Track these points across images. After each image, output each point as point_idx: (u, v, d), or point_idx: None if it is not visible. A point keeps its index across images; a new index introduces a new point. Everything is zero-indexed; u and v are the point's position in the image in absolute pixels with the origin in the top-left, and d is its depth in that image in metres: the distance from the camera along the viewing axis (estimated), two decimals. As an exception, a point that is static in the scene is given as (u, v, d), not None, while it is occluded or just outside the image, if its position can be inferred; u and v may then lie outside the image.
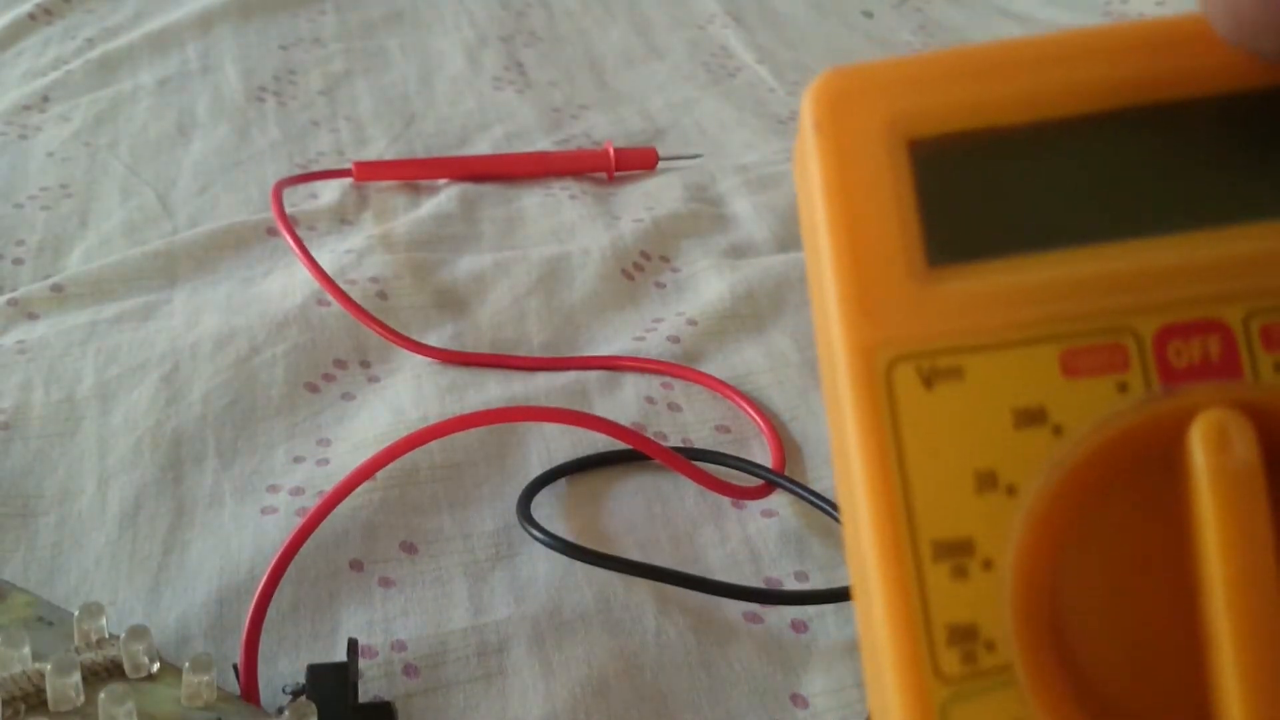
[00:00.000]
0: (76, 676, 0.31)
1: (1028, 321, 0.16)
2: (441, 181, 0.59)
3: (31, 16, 0.74)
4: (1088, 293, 0.16)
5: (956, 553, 0.15)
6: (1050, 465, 0.15)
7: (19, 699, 0.31)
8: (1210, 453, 0.15)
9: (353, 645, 0.33)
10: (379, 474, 0.40)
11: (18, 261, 0.53)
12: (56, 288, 0.50)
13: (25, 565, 0.38)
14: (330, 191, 0.57)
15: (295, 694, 0.32)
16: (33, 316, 0.48)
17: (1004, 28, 0.75)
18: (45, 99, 0.66)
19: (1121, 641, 0.15)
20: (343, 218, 0.56)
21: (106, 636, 0.33)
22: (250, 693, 0.33)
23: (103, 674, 0.32)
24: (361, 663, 0.34)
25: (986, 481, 0.15)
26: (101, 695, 0.30)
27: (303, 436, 0.43)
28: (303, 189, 0.57)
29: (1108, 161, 0.16)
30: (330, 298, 0.48)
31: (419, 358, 0.46)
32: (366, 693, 0.34)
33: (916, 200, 0.16)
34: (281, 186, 0.55)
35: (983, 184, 0.16)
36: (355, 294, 0.48)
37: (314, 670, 0.32)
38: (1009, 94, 0.16)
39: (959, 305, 0.16)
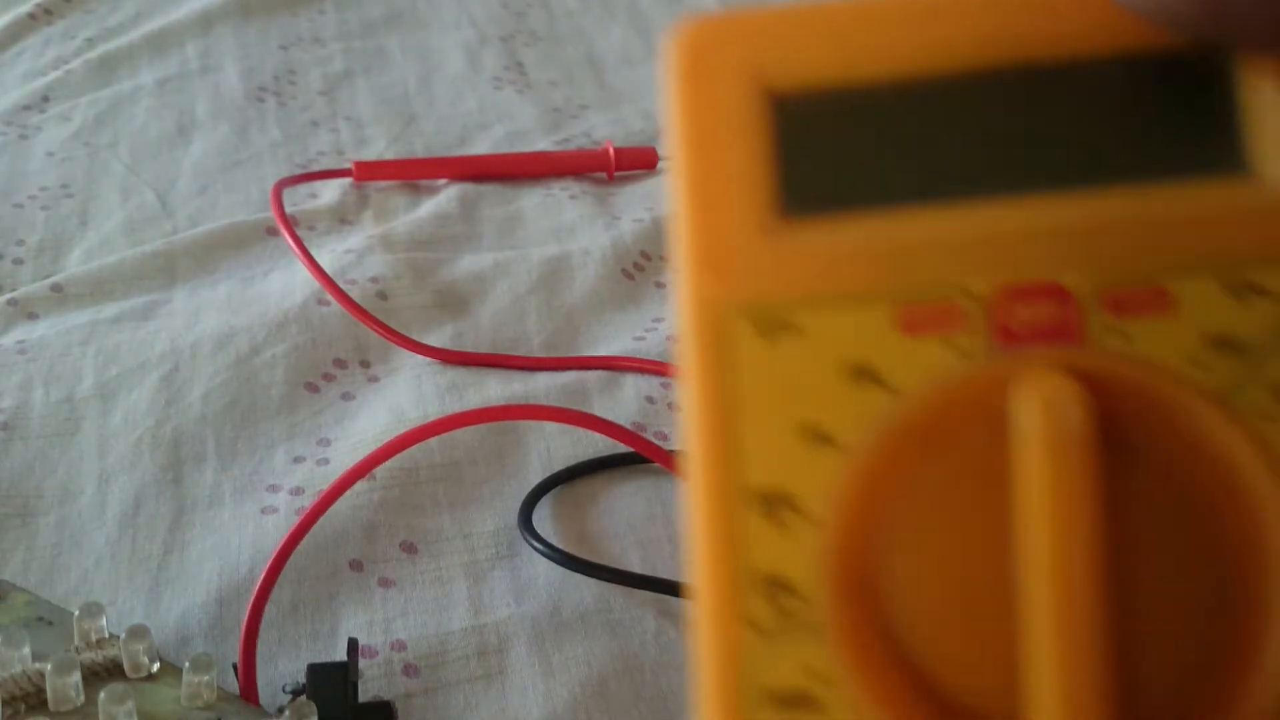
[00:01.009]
0: (76, 676, 0.31)
1: (869, 278, 0.15)
2: (441, 181, 0.59)
3: (32, 16, 0.74)
4: (930, 251, 0.15)
5: (778, 504, 0.15)
6: (877, 422, 0.15)
7: (19, 699, 0.31)
8: (1037, 418, 0.14)
9: (353, 645, 0.33)
10: (379, 474, 0.40)
11: (18, 261, 0.53)
12: (56, 288, 0.50)
13: (25, 565, 0.38)
14: (330, 191, 0.57)
15: (295, 694, 0.32)
16: (33, 316, 0.48)
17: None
18: (45, 99, 0.66)
19: (938, 604, 0.15)
20: (343, 218, 0.56)
21: (106, 636, 0.33)
22: (249, 692, 0.33)
23: (103, 674, 0.32)
24: (361, 662, 0.34)
25: (814, 436, 0.15)
26: (101, 695, 0.30)
27: (303, 436, 0.43)
28: (303, 189, 0.57)
29: (964, 120, 0.16)
30: (330, 297, 0.48)
31: (419, 358, 0.46)
32: (366, 693, 0.34)
33: (772, 153, 0.16)
34: (281, 186, 0.55)
35: (839, 139, 0.16)
36: (355, 294, 0.48)
37: (314, 670, 0.32)
38: (871, 49, 0.16)
39: (804, 260, 0.16)
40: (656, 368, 0.46)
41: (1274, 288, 0.15)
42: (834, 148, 0.16)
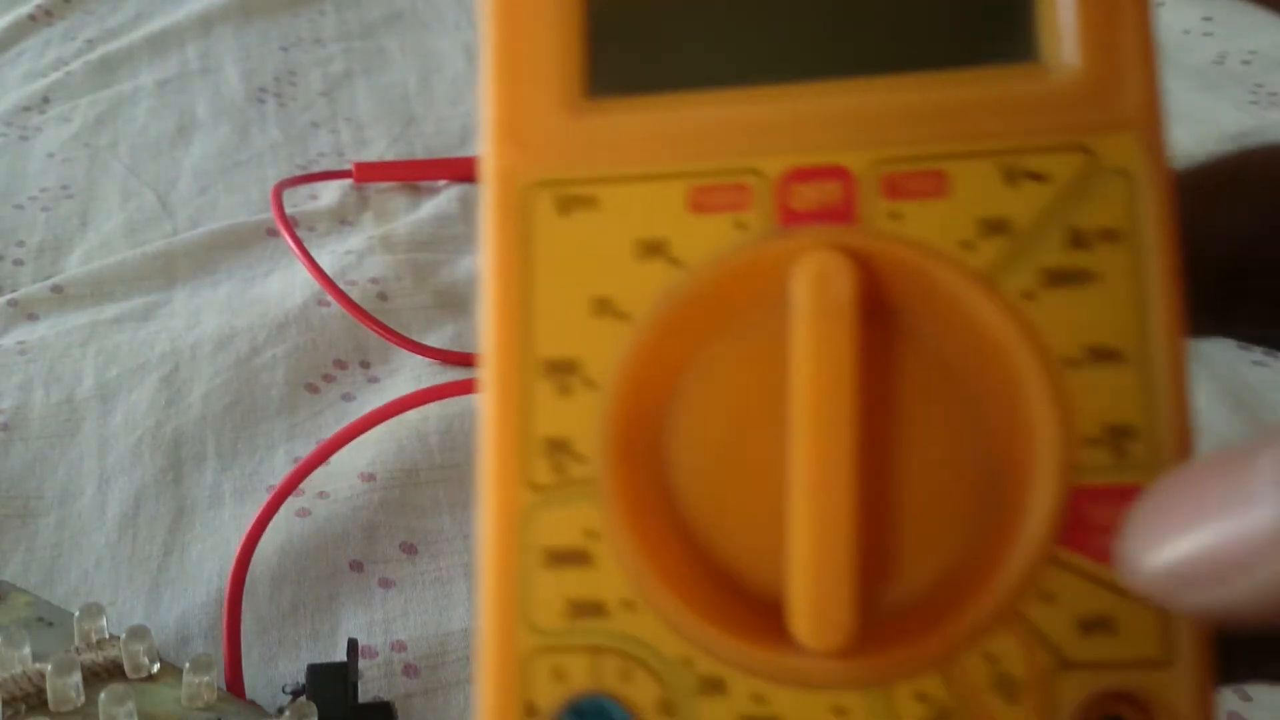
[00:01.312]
0: (77, 677, 0.31)
1: (665, 156, 0.16)
2: (441, 182, 0.59)
3: (32, 18, 0.74)
4: (725, 133, 0.16)
5: (564, 371, 0.16)
6: (662, 295, 0.15)
7: (19, 699, 0.31)
8: (807, 291, 0.15)
9: (353, 646, 0.33)
10: (379, 474, 0.40)
11: (18, 262, 0.53)
12: (56, 289, 0.50)
13: (25, 566, 0.38)
14: (330, 192, 0.57)
15: (295, 694, 0.32)
16: (33, 317, 0.48)
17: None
18: (45, 100, 0.66)
19: (715, 471, 0.15)
20: (343, 218, 0.56)
21: (106, 637, 0.33)
22: (236, 686, 0.33)
23: (103, 674, 0.32)
24: (361, 663, 0.34)
25: (603, 307, 0.16)
26: (102, 696, 0.30)
27: (303, 437, 0.43)
28: (303, 190, 0.57)
29: (764, 7, 0.16)
30: (330, 298, 0.48)
31: (419, 358, 0.46)
32: (366, 693, 0.34)
33: (581, 33, 0.16)
34: (281, 187, 0.55)
35: (645, 22, 0.16)
36: (355, 295, 0.48)
37: (314, 670, 0.32)
38: None
39: (606, 138, 0.16)
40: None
41: (1047, 173, 0.15)
42: (640, 31, 0.16)
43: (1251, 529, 0.12)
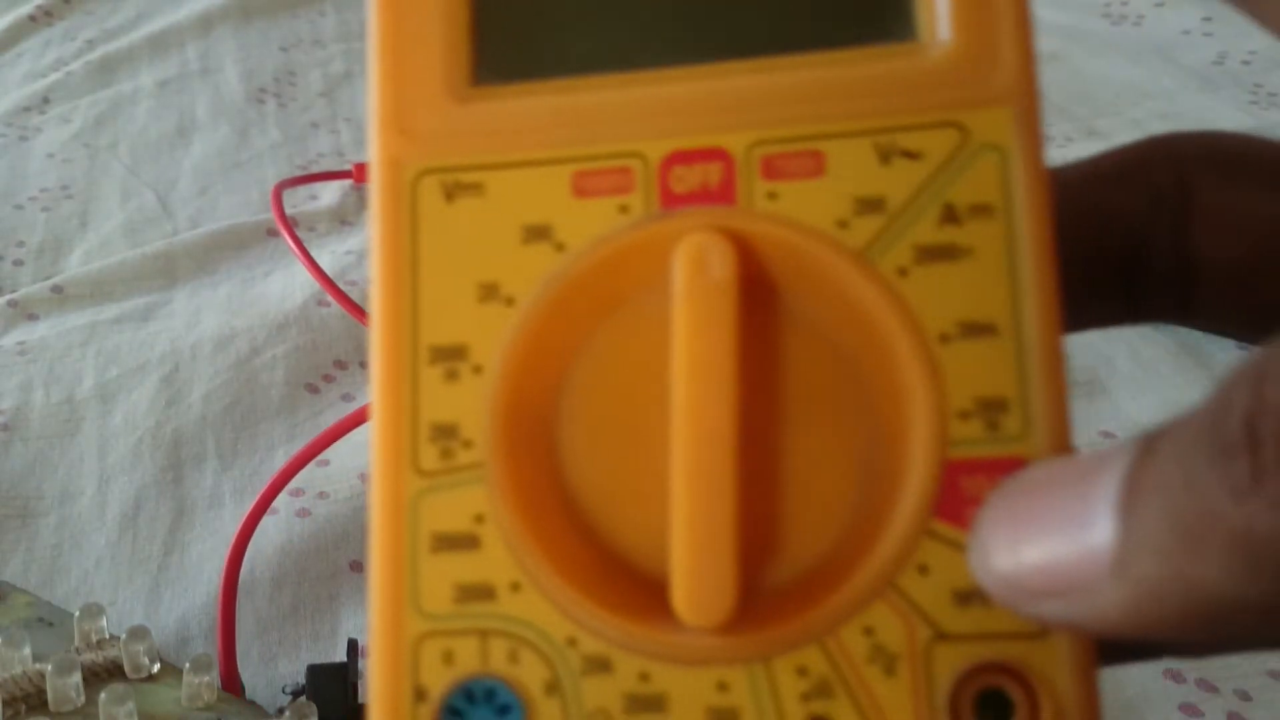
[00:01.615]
0: (77, 677, 0.31)
1: (550, 142, 0.16)
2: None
3: (32, 18, 0.74)
4: (608, 117, 0.16)
5: (451, 357, 0.16)
6: (546, 279, 0.16)
7: (20, 699, 0.31)
8: (686, 272, 0.15)
9: (353, 646, 0.33)
10: (379, 475, 0.40)
11: (18, 263, 0.53)
12: (57, 289, 0.50)
13: (25, 566, 0.38)
14: (330, 193, 0.58)
15: (295, 694, 0.32)
16: (33, 318, 0.48)
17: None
18: (45, 100, 0.66)
19: (603, 453, 0.16)
20: (343, 219, 0.56)
21: (107, 637, 0.33)
22: (231, 684, 0.33)
23: (103, 675, 0.32)
24: (361, 663, 0.34)
25: (489, 293, 0.16)
26: (102, 696, 0.30)
27: (303, 438, 0.43)
28: (303, 190, 0.58)
29: None
30: (330, 299, 0.48)
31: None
32: (366, 693, 0.34)
33: (467, 21, 0.16)
34: (282, 188, 0.55)
35: (532, 6, 0.17)
36: (355, 295, 0.48)
37: (314, 671, 0.32)
38: None
39: (492, 124, 0.16)
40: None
41: (921, 150, 0.15)
42: (525, 18, 0.17)
43: (1089, 551, 0.12)
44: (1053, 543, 0.12)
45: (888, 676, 0.14)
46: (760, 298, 0.15)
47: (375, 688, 0.15)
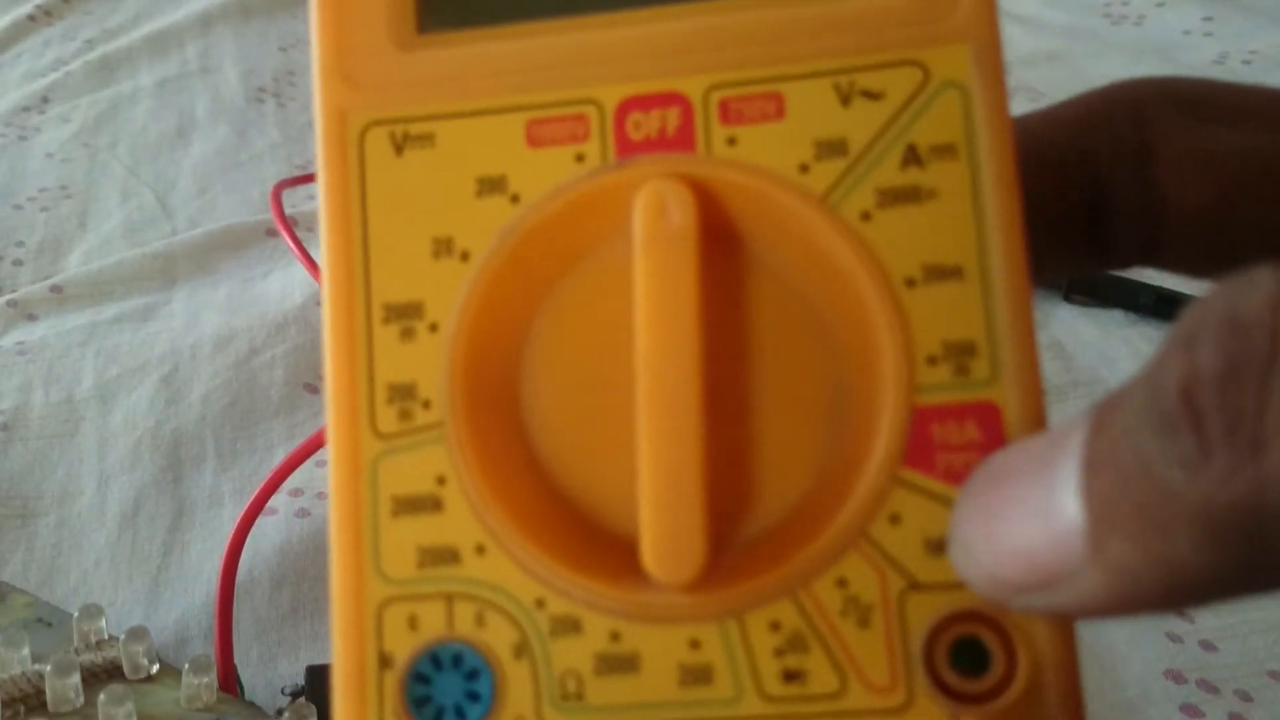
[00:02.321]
0: (76, 678, 0.31)
1: (500, 90, 0.16)
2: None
3: (31, 18, 0.74)
4: (560, 63, 0.16)
5: (406, 315, 0.15)
6: (501, 233, 0.15)
7: (19, 700, 0.31)
8: (645, 221, 0.15)
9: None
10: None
11: (17, 263, 0.53)
12: (56, 289, 0.50)
13: (25, 566, 0.38)
14: (330, 192, 0.57)
15: (294, 695, 0.32)
16: (32, 318, 0.48)
17: (1009, 29, 0.75)
18: (45, 100, 0.66)
19: (566, 409, 0.15)
20: (342, 219, 0.56)
21: (106, 638, 0.33)
22: (228, 685, 0.33)
23: (102, 675, 0.32)
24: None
25: (443, 247, 0.15)
26: (101, 697, 0.30)
27: (303, 438, 0.43)
28: (302, 190, 0.57)
29: None
30: (330, 299, 0.48)
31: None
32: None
33: None
34: (281, 188, 0.55)
35: None
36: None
37: (313, 672, 0.32)
38: None
39: (440, 73, 0.16)
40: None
41: (881, 90, 0.15)
42: None
43: (1062, 539, 0.12)
44: (1026, 535, 0.12)
45: (861, 628, 0.14)
46: (722, 246, 0.15)
47: (339, 655, 0.15)
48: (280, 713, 0.31)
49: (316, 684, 0.32)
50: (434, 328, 0.15)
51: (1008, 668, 0.14)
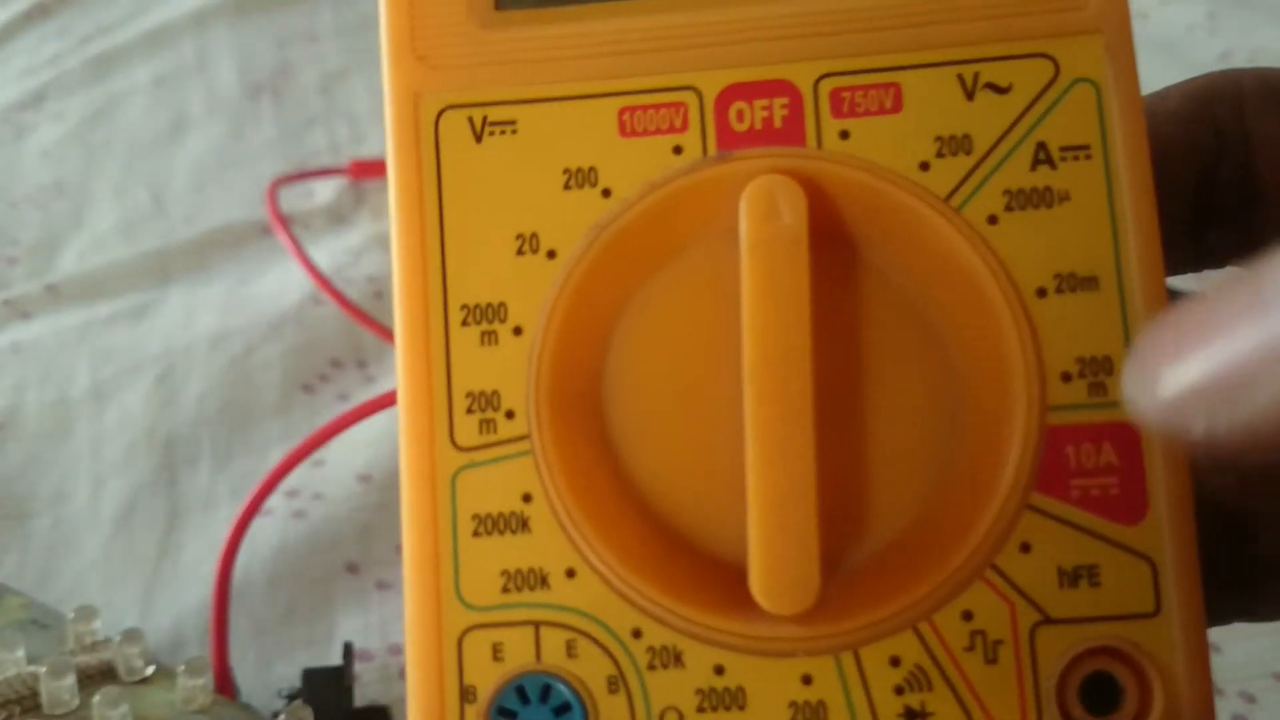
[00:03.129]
0: (71, 680, 0.30)
1: (590, 74, 0.14)
2: (438, 180, 0.59)
3: (27, 15, 0.74)
4: (655, 47, 0.14)
5: (488, 317, 0.14)
6: (592, 230, 0.14)
7: (13, 702, 0.30)
8: (754, 221, 0.14)
9: (349, 649, 0.33)
10: (375, 475, 0.39)
11: (11, 261, 0.52)
12: (50, 287, 0.49)
13: (19, 567, 0.37)
14: (326, 190, 0.57)
15: (291, 698, 0.32)
16: (26, 316, 0.48)
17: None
18: (40, 97, 0.66)
19: (662, 421, 0.14)
20: (339, 217, 0.56)
21: (101, 639, 0.33)
22: (224, 687, 0.32)
23: (97, 677, 0.32)
24: (358, 666, 0.34)
25: (528, 244, 0.14)
26: (96, 699, 0.30)
27: (299, 438, 0.42)
28: (299, 188, 0.57)
29: None
30: (326, 298, 0.48)
31: (416, 358, 0.46)
32: (363, 697, 0.33)
33: None
34: (277, 185, 0.55)
35: None
36: (352, 294, 0.48)
37: (309, 674, 0.32)
38: None
39: (522, 53, 0.14)
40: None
41: (1009, 84, 0.14)
42: None
43: (1267, 337, 0.11)
44: (1227, 340, 0.11)
45: (988, 664, 0.13)
46: (832, 248, 0.14)
47: (415, 689, 0.14)
48: (276, 715, 0.31)
49: (313, 687, 0.32)
50: (518, 331, 0.14)
51: (1141, 705, 0.13)
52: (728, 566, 0.14)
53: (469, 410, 0.14)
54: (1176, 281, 0.16)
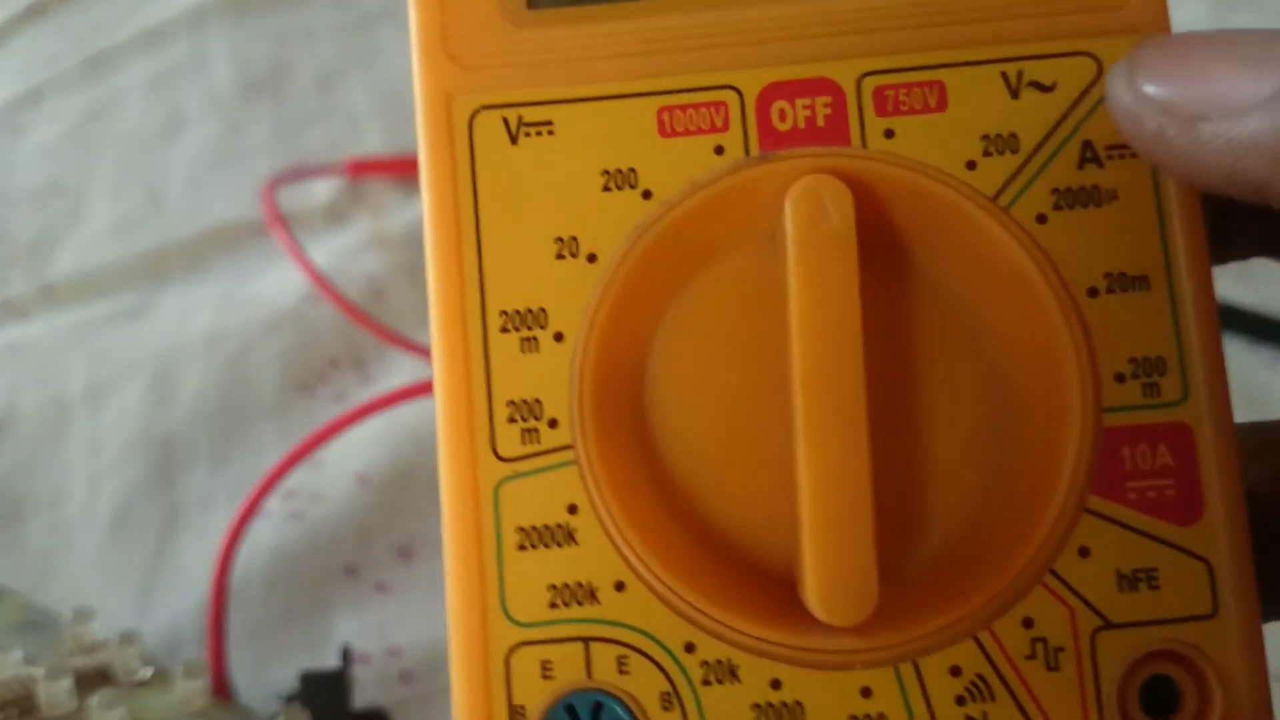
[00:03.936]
0: (69, 681, 0.30)
1: (627, 73, 0.14)
2: (436, 179, 0.58)
3: (24, 13, 0.74)
4: (694, 45, 0.14)
5: (528, 323, 0.14)
6: (633, 232, 0.14)
7: (10, 703, 0.30)
8: (801, 221, 0.13)
9: (347, 651, 0.33)
10: (373, 477, 0.39)
11: (8, 261, 0.52)
12: (47, 287, 0.49)
13: (15, 568, 0.37)
14: (324, 189, 0.57)
15: (289, 700, 0.32)
16: (23, 316, 0.48)
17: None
18: (37, 96, 0.66)
19: (707, 427, 0.14)
20: (337, 216, 0.55)
21: (98, 641, 0.32)
22: (221, 689, 0.32)
23: (94, 679, 0.31)
24: (356, 669, 0.34)
25: (567, 248, 0.14)
26: (94, 701, 0.29)
27: (296, 439, 0.42)
28: (296, 187, 0.57)
29: None
30: (324, 297, 0.48)
31: (415, 358, 0.46)
32: (361, 699, 0.33)
33: None
34: (274, 184, 0.54)
35: None
36: (350, 293, 0.48)
37: (307, 677, 0.32)
38: None
39: (558, 52, 0.14)
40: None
41: (1054, 82, 0.14)
42: None
43: (1255, 76, 0.12)
44: (1220, 68, 0.12)
45: (1050, 671, 0.13)
46: (878, 249, 0.14)
47: (462, 709, 0.13)
48: (274, 717, 0.31)
49: (311, 689, 0.32)
50: (559, 337, 0.14)
51: (1200, 707, 0.13)
52: (777, 575, 0.13)
53: (510, 420, 0.14)
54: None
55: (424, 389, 0.41)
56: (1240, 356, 0.45)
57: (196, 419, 0.42)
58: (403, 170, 0.59)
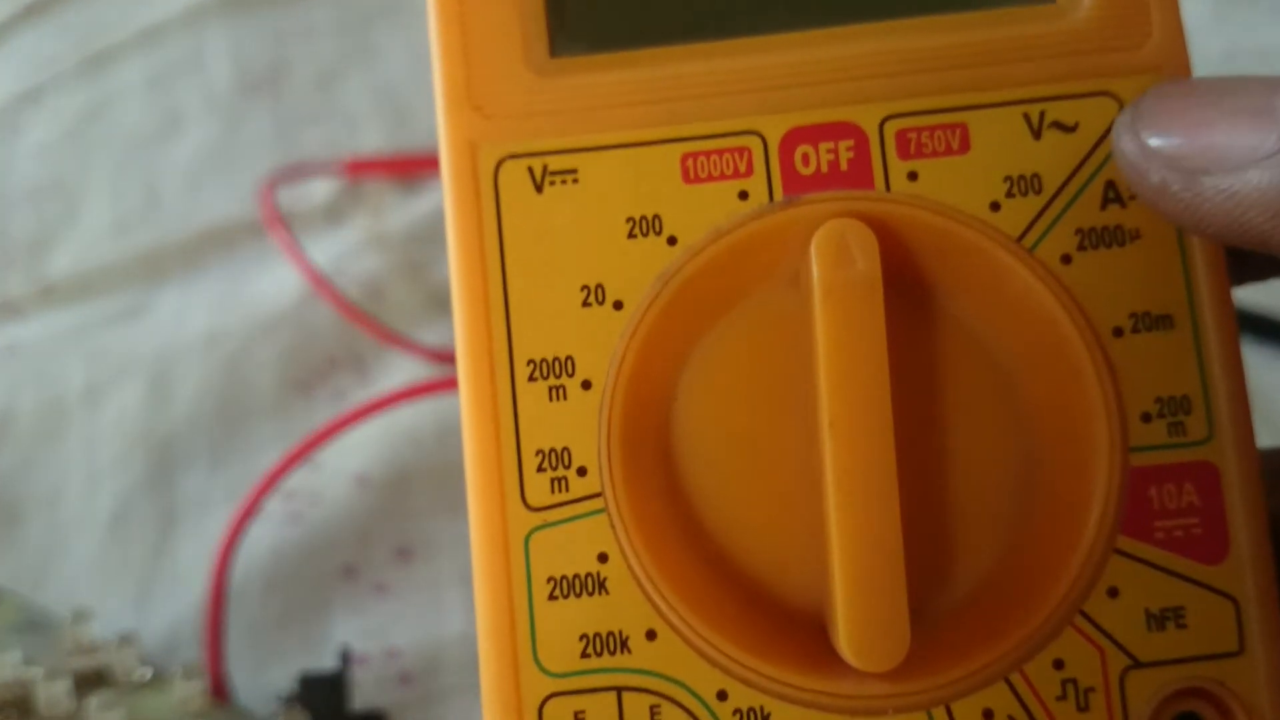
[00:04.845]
0: (67, 682, 0.30)
1: (650, 120, 0.14)
2: (436, 177, 0.58)
3: (22, 14, 0.74)
4: (715, 91, 0.14)
5: (555, 371, 0.14)
6: (659, 279, 0.14)
7: (9, 705, 0.30)
8: (827, 265, 0.13)
9: (346, 653, 0.33)
10: (372, 477, 0.39)
11: (6, 261, 0.52)
12: (45, 287, 0.49)
13: (13, 569, 0.37)
14: (323, 189, 0.57)
15: (287, 702, 0.32)
16: (21, 316, 0.48)
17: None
18: (35, 95, 0.65)
19: (737, 473, 0.14)
20: (335, 215, 0.55)
21: (97, 642, 0.32)
22: (219, 690, 0.32)
23: (93, 680, 0.31)
24: (355, 670, 0.34)
25: (594, 295, 0.14)
26: (92, 702, 0.29)
27: (295, 438, 0.42)
28: (295, 186, 0.57)
29: None
30: (323, 297, 0.47)
31: (414, 357, 0.46)
32: (360, 701, 0.33)
33: None
34: (273, 184, 0.54)
35: None
36: (349, 293, 0.48)
37: (306, 678, 0.32)
38: None
39: (580, 101, 0.14)
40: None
41: (1075, 123, 0.14)
42: None
43: (1258, 131, 0.12)
44: (1224, 122, 0.12)
45: (1081, 713, 0.13)
46: (903, 291, 0.14)
47: None
48: (273, 719, 0.31)
49: (310, 691, 0.31)
50: (587, 385, 0.14)
51: None
52: (807, 620, 0.13)
53: (539, 469, 0.14)
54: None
55: (424, 390, 0.41)
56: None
57: (195, 419, 0.42)
58: (402, 170, 0.59)
